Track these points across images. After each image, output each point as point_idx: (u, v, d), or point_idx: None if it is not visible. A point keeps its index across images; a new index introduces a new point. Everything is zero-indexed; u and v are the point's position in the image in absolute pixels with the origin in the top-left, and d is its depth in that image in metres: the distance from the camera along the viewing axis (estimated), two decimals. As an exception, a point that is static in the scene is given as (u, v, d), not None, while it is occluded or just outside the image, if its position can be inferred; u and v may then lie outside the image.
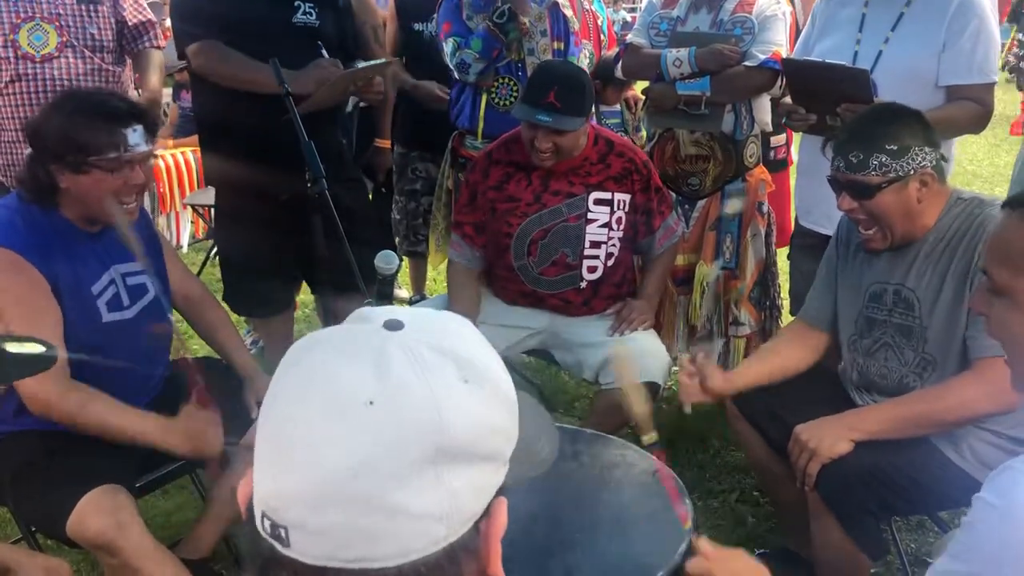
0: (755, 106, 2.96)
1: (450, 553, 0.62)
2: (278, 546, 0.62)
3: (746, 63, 2.83)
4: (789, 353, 2.26)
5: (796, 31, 3.26)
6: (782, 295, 3.26)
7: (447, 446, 0.61)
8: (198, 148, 4.33)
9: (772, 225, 3.16)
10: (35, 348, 1.38)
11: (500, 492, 0.67)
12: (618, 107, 4.11)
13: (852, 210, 1.98)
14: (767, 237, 3.13)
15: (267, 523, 0.62)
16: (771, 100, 3.03)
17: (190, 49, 2.78)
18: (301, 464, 0.60)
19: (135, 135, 1.96)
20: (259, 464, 0.63)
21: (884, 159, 1.90)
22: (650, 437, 1.67)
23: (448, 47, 3.16)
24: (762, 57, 2.82)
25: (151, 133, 2.02)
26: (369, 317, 0.68)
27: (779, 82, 2.88)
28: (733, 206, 3.02)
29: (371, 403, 0.60)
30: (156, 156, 2.06)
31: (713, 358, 3.17)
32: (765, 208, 3.09)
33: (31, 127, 1.99)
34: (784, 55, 2.87)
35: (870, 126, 1.96)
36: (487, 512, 0.65)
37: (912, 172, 1.90)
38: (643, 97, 3.50)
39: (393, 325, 0.65)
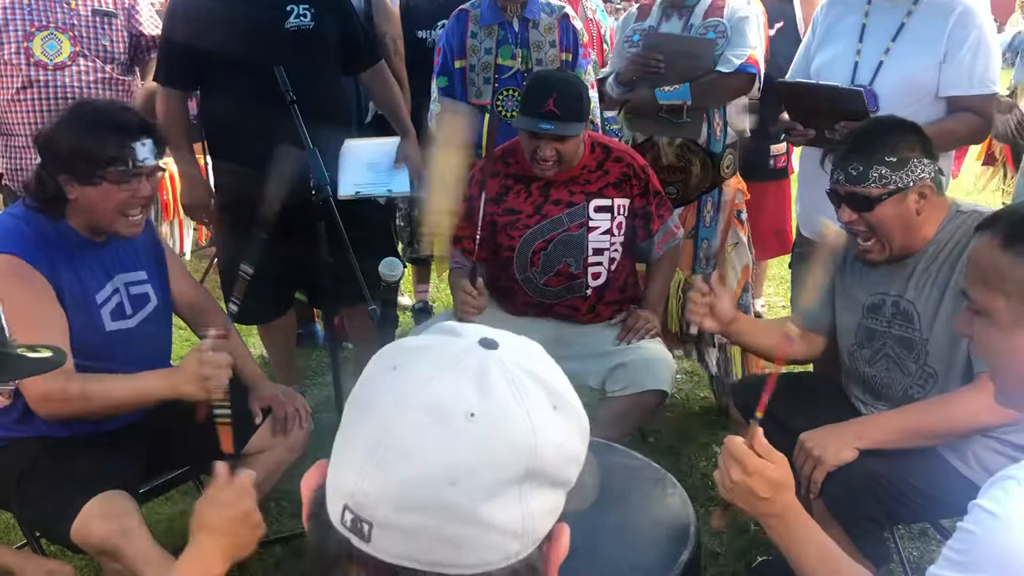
0: (729, 113, 2.98)
1: (517, 570, 0.65)
2: (356, 540, 0.63)
3: (721, 68, 2.85)
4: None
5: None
6: (786, 302, 3.26)
7: (535, 468, 0.64)
8: (201, 155, 4.34)
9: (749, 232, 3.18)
10: (45, 353, 1.40)
11: (560, 518, 0.69)
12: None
13: (852, 222, 1.99)
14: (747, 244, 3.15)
15: (348, 517, 0.63)
16: (751, 105, 3.06)
17: (158, 85, 2.86)
18: (398, 465, 0.62)
19: (144, 149, 1.97)
20: (347, 459, 0.65)
21: (884, 171, 1.90)
22: (791, 329, 1.61)
23: (434, 89, 3.22)
24: (737, 62, 2.84)
25: (160, 147, 2.04)
26: (459, 331, 0.70)
27: (756, 84, 2.91)
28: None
29: (472, 415, 0.63)
30: (163, 170, 2.07)
31: (711, 366, 3.18)
32: (743, 216, 3.11)
33: (41, 136, 2.00)
34: (759, 56, 2.89)
35: (869, 139, 1.97)
36: (550, 536, 0.68)
37: (911, 184, 1.91)
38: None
39: (488, 343, 0.67)
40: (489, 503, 0.62)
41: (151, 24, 3.13)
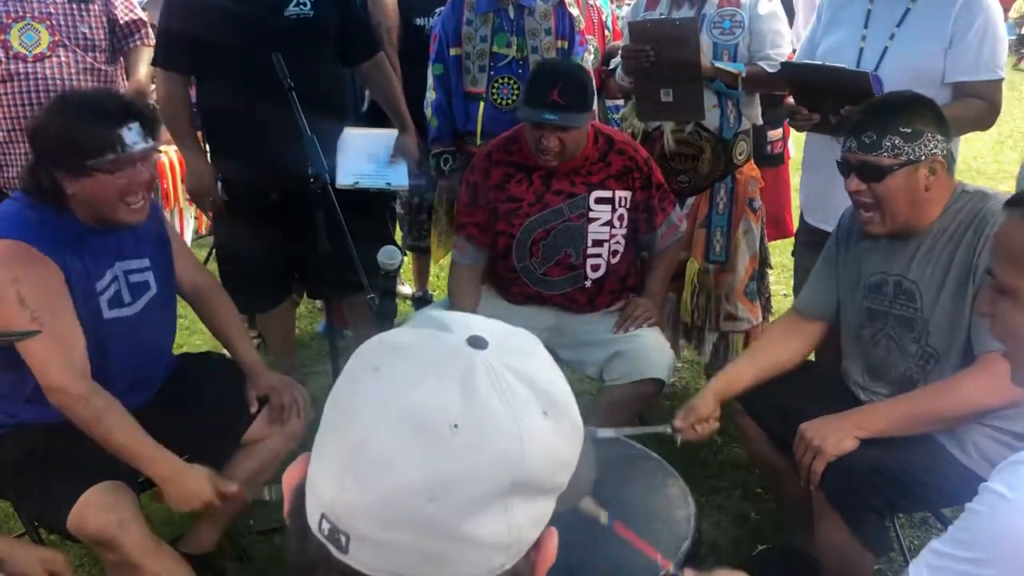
0: (742, 101, 2.96)
1: None
2: (333, 550, 0.61)
3: (765, 66, 2.80)
4: (781, 347, 2.25)
5: None
6: (787, 291, 3.25)
7: (522, 480, 0.61)
8: (201, 142, 4.32)
9: (762, 222, 3.16)
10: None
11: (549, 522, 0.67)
12: (622, 101, 4.09)
13: (859, 192, 1.97)
14: (760, 233, 3.12)
15: (326, 526, 0.61)
16: (760, 95, 3.04)
17: (157, 71, 2.83)
18: (377, 478, 0.59)
19: (131, 133, 1.92)
20: (325, 465, 0.62)
21: (897, 141, 1.89)
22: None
23: (430, 77, 3.21)
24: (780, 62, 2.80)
25: (150, 129, 1.98)
26: (448, 325, 0.66)
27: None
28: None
29: (456, 427, 0.59)
30: (159, 151, 2.03)
31: (707, 352, 3.17)
32: (756, 205, 3.08)
33: (30, 133, 1.97)
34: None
35: (885, 109, 1.96)
36: (537, 542, 0.65)
37: (923, 158, 1.89)
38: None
39: (477, 343, 0.64)
40: (472, 518, 0.59)
41: (125, 10, 3.07)
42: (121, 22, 3.05)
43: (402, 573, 0.60)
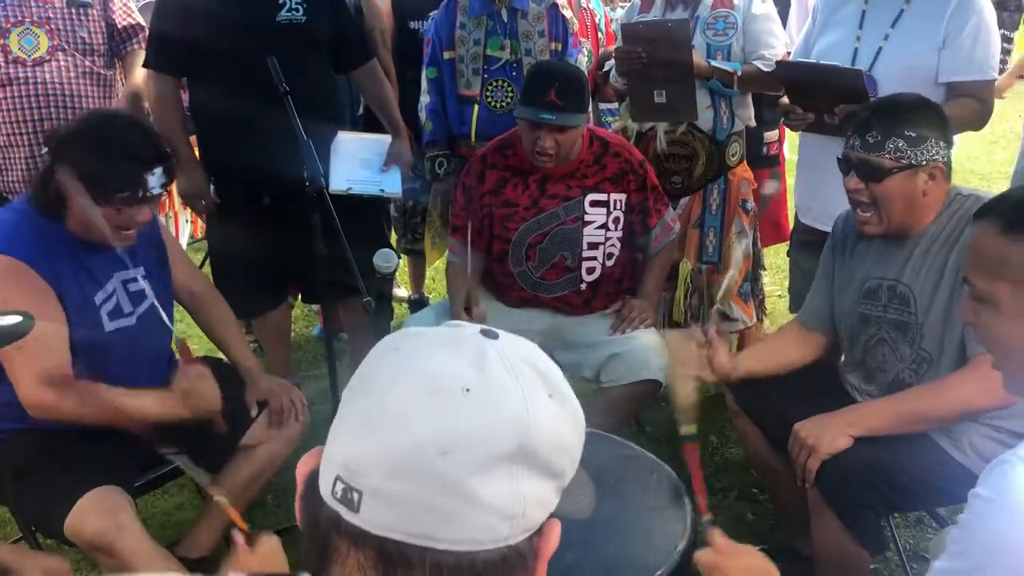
0: (735, 102, 2.97)
1: (506, 556, 0.65)
2: (345, 512, 0.64)
3: (761, 66, 2.82)
4: (789, 350, 2.26)
5: None
6: (782, 292, 3.25)
7: (528, 449, 0.64)
8: (195, 147, 4.31)
9: (756, 224, 3.17)
10: (12, 320, 1.40)
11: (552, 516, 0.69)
12: (616, 104, 4.11)
13: (856, 191, 1.98)
14: (753, 234, 3.14)
15: (339, 487, 0.64)
16: (756, 97, 3.05)
17: (148, 72, 2.83)
18: (392, 431, 0.63)
19: (154, 178, 1.96)
20: (342, 431, 0.66)
21: (901, 144, 1.90)
22: (688, 429, 1.69)
23: (424, 80, 3.23)
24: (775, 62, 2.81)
25: (169, 175, 2.02)
26: (462, 324, 0.73)
27: None
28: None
29: (468, 390, 0.64)
30: (167, 192, 2.08)
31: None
32: (749, 206, 3.09)
33: (57, 140, 1.97)
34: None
35: (892, 110, 1.97)
36: (541, 530, 0.68)
37: (924, 163, 1.90)
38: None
39: (489, 334, 0.70)
40: (480, 477, 0.62)
41: (123, 14, 3.07)
42: (119, 26, 3.05)
43: (410, 531, 0.62)
